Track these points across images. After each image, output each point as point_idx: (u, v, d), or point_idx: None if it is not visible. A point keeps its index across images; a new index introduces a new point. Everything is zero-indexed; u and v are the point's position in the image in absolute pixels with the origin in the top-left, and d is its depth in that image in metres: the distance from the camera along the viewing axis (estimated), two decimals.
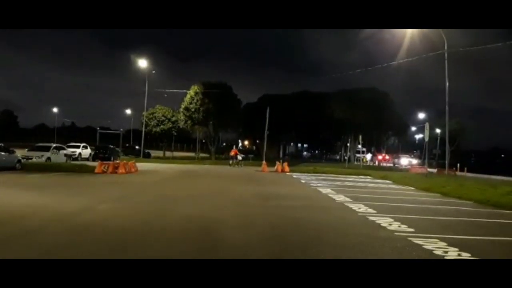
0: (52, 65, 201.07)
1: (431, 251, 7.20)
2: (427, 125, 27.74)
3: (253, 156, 53.35)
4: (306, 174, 30.51)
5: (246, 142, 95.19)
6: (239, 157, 40.30)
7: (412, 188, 21.35)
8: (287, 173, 31.01)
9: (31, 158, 28.09)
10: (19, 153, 26.03)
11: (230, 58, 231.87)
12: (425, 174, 28.83)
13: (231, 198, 14.40)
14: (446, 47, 28.20)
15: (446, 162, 30.69)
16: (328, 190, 18.12)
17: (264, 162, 35.37)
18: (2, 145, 24.93)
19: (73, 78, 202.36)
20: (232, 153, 41.14)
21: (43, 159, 28.82)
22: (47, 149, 30.89)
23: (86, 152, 41.58)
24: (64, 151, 32.99)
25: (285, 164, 33.92)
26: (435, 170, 38.51)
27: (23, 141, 55.73)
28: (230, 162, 39.31)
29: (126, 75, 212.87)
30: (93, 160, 37.27)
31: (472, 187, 19.55)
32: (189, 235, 8.10)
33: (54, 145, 33.18)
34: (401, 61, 33.72)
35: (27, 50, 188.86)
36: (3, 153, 23.12)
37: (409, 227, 9.33)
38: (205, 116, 50.65)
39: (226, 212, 11.00)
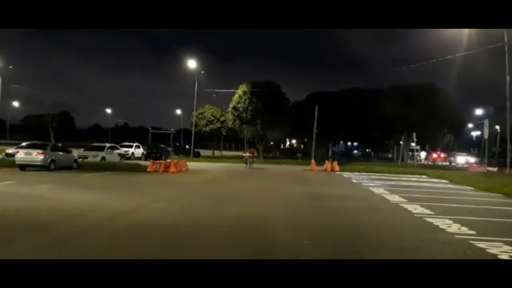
0: (104, 67, 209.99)
1: (495, 255, 6.74)
2: (486, 122, 26.21)
3: (301, 155, 52.76)
4: (357, 173, 29.81)
5: (293, 141, 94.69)
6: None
7: (471, 188, 20.28)
8: (337, 172, 30.45)
9: (87, 158, 29.26)
10: (76, 152, 27.17)
11: (275, 56, 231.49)
12: (484, 173, 27.37)
13: (281, 198, 14.25)
14: (506, 39, 26.73)
15: (508, 160, 28.87)
16: (382, 190, 17.57)
17: (312, 161, 34.94)
18: (60, 145, 26.20)
19: (124, 80, 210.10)
20: (250, 153, 39.09)
21: (98, 158, 29.97)
22: (101, 149, 32.09)
23: (139, 151, 42.87)
24: (118, 151, 34.14)
25: (335, 163, 33.22)
26: (495, 169, 36.47)
27: (78, 141, 58.26)
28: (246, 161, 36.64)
29: (174, 77, 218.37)
30: (145, 159, 38.35)
31: None
32: (240, 235, 8.06)
33: (108, 145, 34.47)
34: (457, 55, 32.39)
35: (81, 54, 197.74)
36: (61, 153, 24.22)
37: (469, 229, 8.81)
38: (253, 116, 50.85)
39: (276, 212, 10.87)
